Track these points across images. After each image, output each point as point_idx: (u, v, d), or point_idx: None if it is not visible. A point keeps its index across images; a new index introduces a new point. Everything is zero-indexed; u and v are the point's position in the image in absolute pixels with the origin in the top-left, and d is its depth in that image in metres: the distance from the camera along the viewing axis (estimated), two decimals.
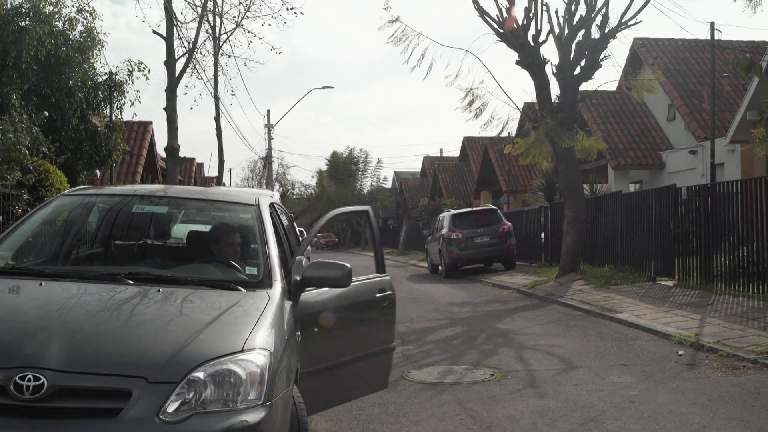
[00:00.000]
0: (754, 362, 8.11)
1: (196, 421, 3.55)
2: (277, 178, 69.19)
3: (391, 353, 6.12)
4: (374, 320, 5.94)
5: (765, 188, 12.41)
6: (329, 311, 5.41)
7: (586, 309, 13.26)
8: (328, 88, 41.66)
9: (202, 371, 3.66)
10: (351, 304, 5.63)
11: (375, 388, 6.19)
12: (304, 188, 76.56)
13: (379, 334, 6.00)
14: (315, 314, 5.20)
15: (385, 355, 6.06)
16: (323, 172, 70.09)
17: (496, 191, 43.87)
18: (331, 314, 5.44)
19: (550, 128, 17.44)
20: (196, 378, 3.64)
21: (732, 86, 27.63)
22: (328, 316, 5.41)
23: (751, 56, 12.37)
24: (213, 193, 6.31)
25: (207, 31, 25.50)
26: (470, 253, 23.44)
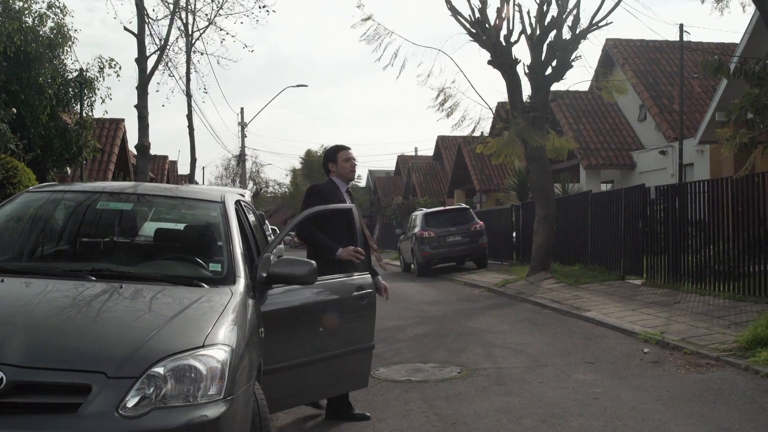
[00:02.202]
0: (717, 360, 8.23)
1: (156, 416, 3.56)
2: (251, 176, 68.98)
3: (370, 351, 6.19)
4: (351, 318, 5.97)
5: (731, 189, 12.59)
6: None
7: (555, 307, 13.38)
8: (302, 87, 41.71)
9: (162, 366, 3.68)
10: (326, 301, 5.70)
11: (354, 386, 6.26)
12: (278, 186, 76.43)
13: (356, 332, 6.04)
14: (287, 312, 5.26)
15: (364, 354, 6.12)
16: (297, 170, 70.01)
17: (469, 190, 44.02)
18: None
19: (522, 128, 17.56)
20: (157, 373, 3.65)
21: (702, 87, 27.92)
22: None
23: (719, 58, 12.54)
24: (179, 190, 6.29)
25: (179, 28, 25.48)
26: (442, 252, 23.55)
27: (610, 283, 15.70)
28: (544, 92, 18.42)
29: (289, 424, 6.37)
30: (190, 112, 26.49)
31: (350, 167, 6.60)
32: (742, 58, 15.48)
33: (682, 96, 23.58)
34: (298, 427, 6.31)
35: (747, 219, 12.20)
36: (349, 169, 6.61)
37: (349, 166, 6.60)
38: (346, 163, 6.58)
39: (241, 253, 5.17)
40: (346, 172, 6.61)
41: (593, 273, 16.92)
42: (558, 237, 19.29)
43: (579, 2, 18.11)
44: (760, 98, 13.17)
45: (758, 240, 11.84)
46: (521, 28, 18.48)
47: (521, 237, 23.80)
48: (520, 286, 16.88)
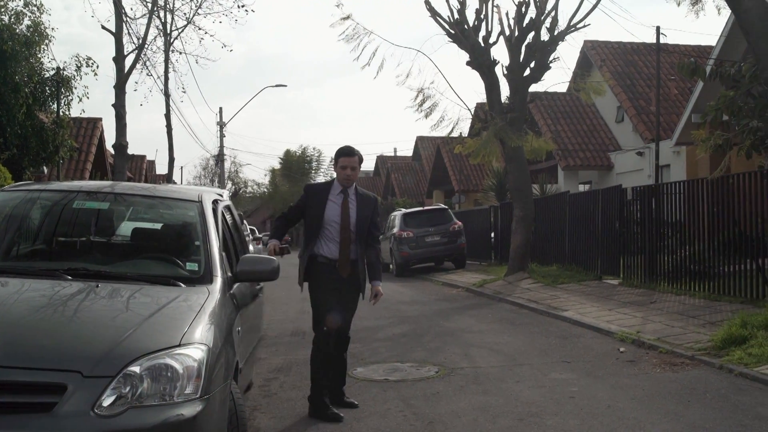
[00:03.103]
0: (692, 358, 8.31)
1: (132, 415, 3.57)
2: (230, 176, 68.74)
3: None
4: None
5: (706, 190, 12.71)
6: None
7: (532, 307, 13.45)
8: (282, 87, 41.61)
9: (138, 365, 3.68)
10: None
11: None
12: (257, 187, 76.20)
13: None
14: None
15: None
16: (276, 170, 69.84)
17: (448, 190, 44.11)
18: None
19: (500, 128, 17.63)
20: (133, 372, 3.66)
21: (679, 89, 28.16)
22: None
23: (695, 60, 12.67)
24: (156, 189, 6.28)
25: (158, 27, 25.35)
26: (421, 252, 23.59)
27: (587, 283, 15.79)
28: (523, 93, 18.51)
29: (267, 423, 6.37)
30: (168, 112, 26.36)
31: (344, 175, 6.61)
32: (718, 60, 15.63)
33: (659, 98, 23.76)
34: (276, 425, 6.31)
35: (722, 220, 12.32)
36: (344, 176, 6.62)
37: (344, 174, 6.62)
38: (342, 171, 6.63)
39: (219, 253, 5.18)
40: (341, 178, 6.65)
41: (571, 273, 17.02)
42: (536, 237, 19.39)
43: (557, 4, 18.26)
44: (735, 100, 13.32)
45: (733, 240, 11.96)
46: (500, 30, 18.62)
47: (499, 237, 23.89)
48: (498, 286, 16.95)
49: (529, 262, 18.51)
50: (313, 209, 6.61)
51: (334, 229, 6.55)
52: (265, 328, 11.59)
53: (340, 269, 6.56)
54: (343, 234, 6.54)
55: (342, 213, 6.56)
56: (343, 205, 6.59)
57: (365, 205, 6.72)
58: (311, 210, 6.64)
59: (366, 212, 6.69)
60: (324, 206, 6.57)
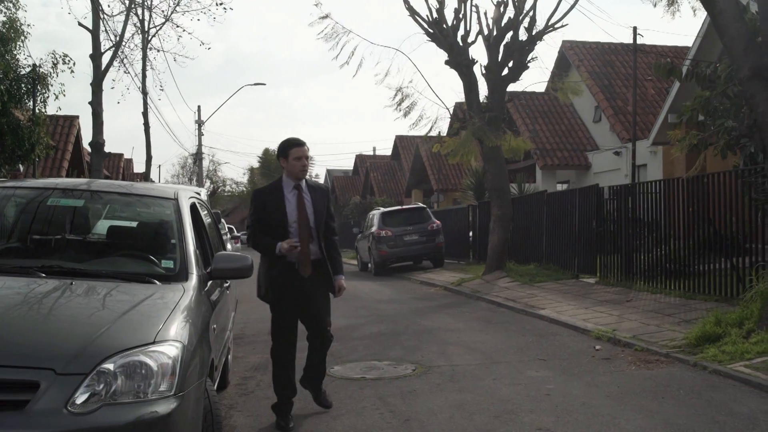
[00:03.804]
0: (667, 356, 8.38)
1: (106, 413, 3.55)
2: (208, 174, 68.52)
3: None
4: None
5: (682, 189, 12.81)
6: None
7: (510, 306, 13.51)
8: (260, 85, 41.48)
9: (112, 363, 3.67)
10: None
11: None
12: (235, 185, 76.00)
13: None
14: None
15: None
16: (255, 169, 69.68)
17: (427, 190, 44.17)
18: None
19: (478, 128, 17.69)
20: (106, 369, 3.64)
21: (656, 89, 28.34)
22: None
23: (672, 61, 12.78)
24: (132, 187, 6.26)
25: (135, 24, 25.24)
26: (399, 251, 23.62)
27: (564, 281, 15.88)
28: (501, 93, 18.57)
29: (244, 422, 6.36)
30: (145, 110, 26.27)
31: (300, 167, 6.14)
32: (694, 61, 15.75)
33: (635, 98, 23.92)
34: (252, 423, 6.30)
35: (697, 219, 12.42)
36: (299, 169, 6.14)
37: (300, 166, 6.13)
38: (297, 162, 6.12)
39: (194, 250, 5.18)
40: (295, 171, 6.14)
41: (548, 272, 17.11)
42: (514, 236, 19.46)
43: (535, 4, 18.32)
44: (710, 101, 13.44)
45: (708, 239, 12.06)
46: (478, 29, 18.68)
47: (477, 236, 23.97)
48: (476, 285, 17.00)
49: (507, 260, 18.58)
50: (275, 213, 6.14)
51: (294, 228, 6.14)
52: (243, 327, 11.62)
53: (301, 269, 6.15)
54: (302, 232, 6.12)
55: (299, 210, 6.15)
56: (298, 202, 6.16)
57: (320, 197, 6.31)
58: (273, 215, 6.15)
59: (322, 205, 6.29)
60: (285, 207, 6.13)
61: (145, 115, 26.23)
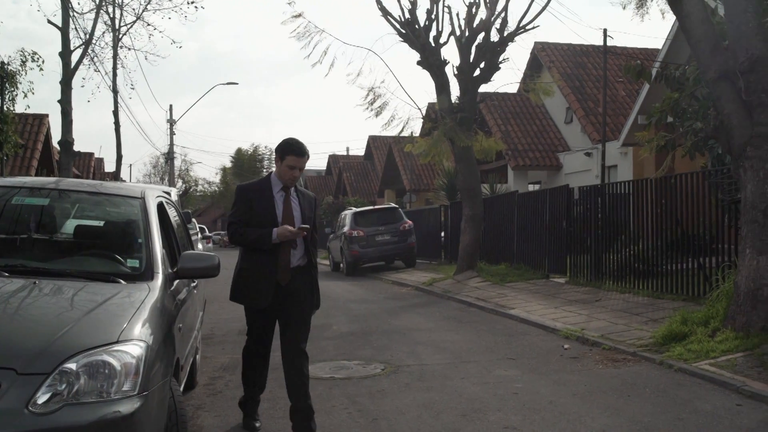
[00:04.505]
0: (634, 355, 8.46)
1: (68, 413, 3.52)
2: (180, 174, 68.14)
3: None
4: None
5: (651, 189, 12.93)
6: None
7: (480, 305, 13.57)
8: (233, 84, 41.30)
9: (74, 362, 3.64)
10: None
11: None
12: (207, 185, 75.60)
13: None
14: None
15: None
16: (227, 169, 69.39)
17: (399, 190, 44.22)
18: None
19: (449, 128, 17.75)
20: (69, 369, 3.61)
21: (626, 91, 28.56)
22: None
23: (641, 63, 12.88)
24: (99, 186, 6.21)
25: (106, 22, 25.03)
26: (371, 251, 23.62)
27: (534, 281, 15.97)
28: (473, 93, 18.64)
29: (211, 422, 6.32)
30: (116, 108, 26.09)
31: (290, 176, 5.79)
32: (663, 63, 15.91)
33: (605, 99, 24.11)
34: (219, 424, 6.27)
35: (666, 219, 12.54)
36: (289, 177, 5.79)
37: (290, 175, 5.79)
38: (288, 170, 5.77)
39: (161, 249, 5.15)
40: (284, 178, 5.81)
41: (519, 272, 17.19)
42: (485, 236, 19.54)
43: (507, 6, 18.42)
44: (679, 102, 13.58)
45: (676, 240, 12.18)
46: (450, 30, 18.74)
47: (449, 236, 24.04)
48: (447, 285, 17.05)
49: (478, 260, 18.66)
50: (262, 212, 5.77)
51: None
52: (213, 327, 11.57)
53: (280, 277, 5.77)
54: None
55: (284, 213, 5.81)
56: (285, 204, 5.84)
57: (308, 203, 6.02)
58: (259, 214, 5.76)
59: (309, 212, 5.99)
60: (274, 206, 5.78)
61: (115, 114, 26.05)
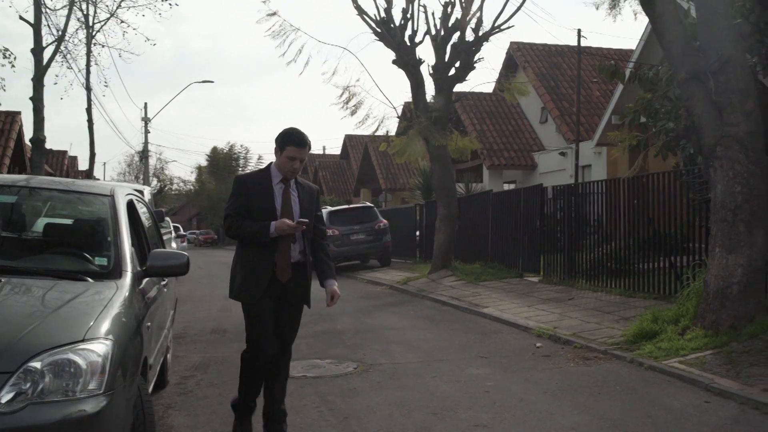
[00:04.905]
0: (605, 353, 8.52)
1: (32, 411, 3.49)
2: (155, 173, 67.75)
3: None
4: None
5: (624, 189, 13.01)
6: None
7: (454, 304, 13.60)
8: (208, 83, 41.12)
9: (39, 361, 3.61)
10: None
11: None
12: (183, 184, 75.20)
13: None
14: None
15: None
16: (203, 167, 69.06)
17: (375, 189, 44.24)
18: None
19: (424, 127, 17.78)
20: (33, 368, 3.58)
21: (601, 91, 28.75)
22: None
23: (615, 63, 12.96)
24: (69, 183, 6.16)
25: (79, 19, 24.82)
26: (346, 250, 23.58)
27: (508, 280, 16.02)
28: (448, 92, 18.68)
29: (181, 421, 6.29)
30: (89, 106, 25.85)
31: (290, 168, 5.53)
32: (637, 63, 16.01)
33: (579, 99, 24.28)
34: (190, 423, 6.24)
35: (638, 218, 12.63)
36: (289, 169, 5.54)
37: (290, 167, 5.53)
38: (288, 162, 5.52)
39: (129, 247, 5.11)
40: (284, 170, 5.56)
41: (493, 271, 17.25)
42: (460, 235, 19.58)
43: (482, 5, 18.51)
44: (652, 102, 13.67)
45: (648, 239, 12.27)
46: (426, 29, 18.76)
47: (424, 235, 24.06)
48: (422, 284, 17.07)
49: (453, 259, 18.70)
50: (262, 204, 5.51)
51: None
52: (185, 326, 11.51)
53: (279, 273, 5.52)
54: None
55: (283, 205, 5.55)
56: (284, 196, 5.58)
57: (308, 196, 5.74)
58: (259, 206, 5.50)
59: (309, 205, 5.70)
60: (273, 198, 5.53)
61: (88, 112, 25.83)
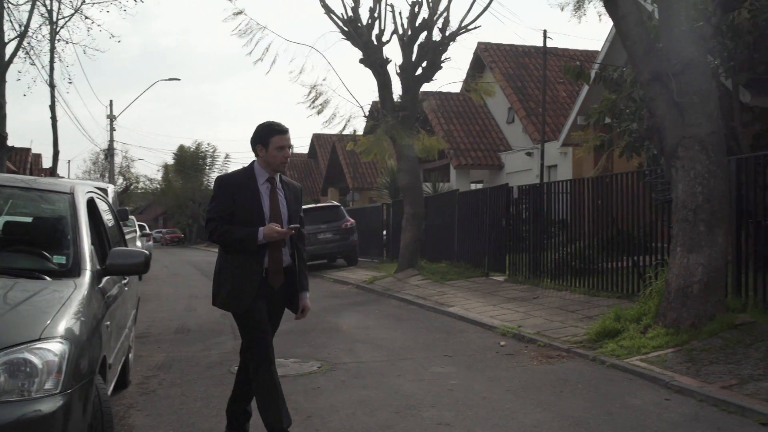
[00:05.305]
0: (568, 351, 8.58)
1: None
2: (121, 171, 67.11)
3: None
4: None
5: (589, 189, 13.11)
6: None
7: (420, 303, 13.62)
8: (175, 80, 40.78)
9: None
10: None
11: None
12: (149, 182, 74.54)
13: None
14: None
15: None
16: (169, 166, 68.54)
17: (343, 188, 44.21)
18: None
19: (391, 126, 17.81)
20: None
21: (567, 92, 28.99)
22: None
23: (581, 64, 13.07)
24: (31, 181, 6.08)
25: (43, 15, 24.51)
26: (313, 249, 23.50)
27: (474, 279, 16.09)
28: (414, 92, 18.72)
29: (142, 421, 6.23)
30: (53, 103, 25.54)
31: (282, 158, 5.26)
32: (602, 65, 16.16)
33: (544, 99, 24.44)
34: (151, 423, 6.18)
35: (602, 218, 12.73)
36: (281, 160, 5.27)
37: (281, 157, 5.26)
38: (278, 152, 5.25)
39: (89, 246, 5.06)
40: (276, 162, 5.27)
41: (459, 270, 17.30)
42: (426, 235, 19.63)
43: (449, 5, 18.58)
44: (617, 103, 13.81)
45: (612, 238, 12.37)
46: (393, 29, 18.79)
47: (391, 234, 24.08)
48: (388, 283, 17.09)
49: (419, 259, 18.74)
50: (248, 207, 5.21)
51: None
52: (149, 326, 11.42)
53: (271, 279, 5.27)
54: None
55: (271, 207, 5.27)
56: (272, 197, 5.30)
57: (293, 196, 5.49)
58: (245, 209, 5.20)
59: (296, 205, 5.47)
60: (260, 200, 5.24)
61: (52, 109, 25.53)
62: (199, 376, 7.92)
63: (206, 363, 8.60)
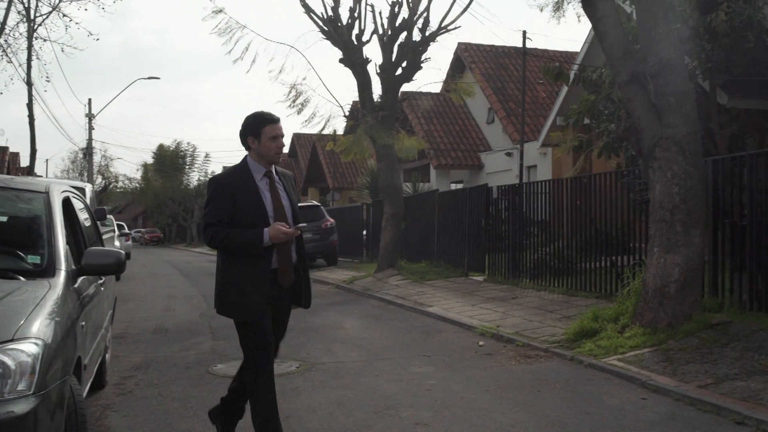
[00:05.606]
0: (546, 351, 8.61)
1: None
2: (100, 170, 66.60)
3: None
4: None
5: (568, 189, 13.16)
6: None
7: (400, 303, 13.62)
8: (154, 79, 40.54)
9: None
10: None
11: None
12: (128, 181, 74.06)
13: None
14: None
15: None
16: (149, 165, 68.14)
17: (323, 188, 44.15)
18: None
19: (370, 126, 17.80)
20: None
21: (547, 93, 29.09)
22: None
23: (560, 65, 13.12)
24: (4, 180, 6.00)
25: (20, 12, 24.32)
26: None
27: (454, 279, 16.11)
28: (394, 92, 18.72)
29: (119, 422, 6.19)
30: (30, 101, 25.34)
31: (276, 148, 5.01)
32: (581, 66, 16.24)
33: (524, 100, 24.50)
34: (128, 424, 6.14)
35: (581, 218, 12.79)
36: (275, 151, 5.02)
37: (275, 147, 5.00)
38: (272, 142, 4.98)
39: (64, 245, 5.01)
40: (270, 154, 5.01)
41: (439, 270, 17.33)
42: (406, 235, 19.64)
43: (429, 6, 18.57)
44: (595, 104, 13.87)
45: (591, 238, 12.43)
46: (373, 28, 18.79)
47: (371, 234, 24.07)
48: (368, 283, 17.08)
49: (399, 259, 18.74)
50: (250, 207, 4.93)
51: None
52: (127, 326, 11.35)
53: (282, 279, 5.04)
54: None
55: (274, 203, 5.01)
56: (272, 193, 5.04)
57: (291, 186, 5.26)
58: (245, 208, 4.92)
59: (294, 197, 5.24)
60: (261, 198, 4.96)
61: (29, 107, 25.33)
62: (177, 376, 7.88)
63: (184, 363, 8.55)
